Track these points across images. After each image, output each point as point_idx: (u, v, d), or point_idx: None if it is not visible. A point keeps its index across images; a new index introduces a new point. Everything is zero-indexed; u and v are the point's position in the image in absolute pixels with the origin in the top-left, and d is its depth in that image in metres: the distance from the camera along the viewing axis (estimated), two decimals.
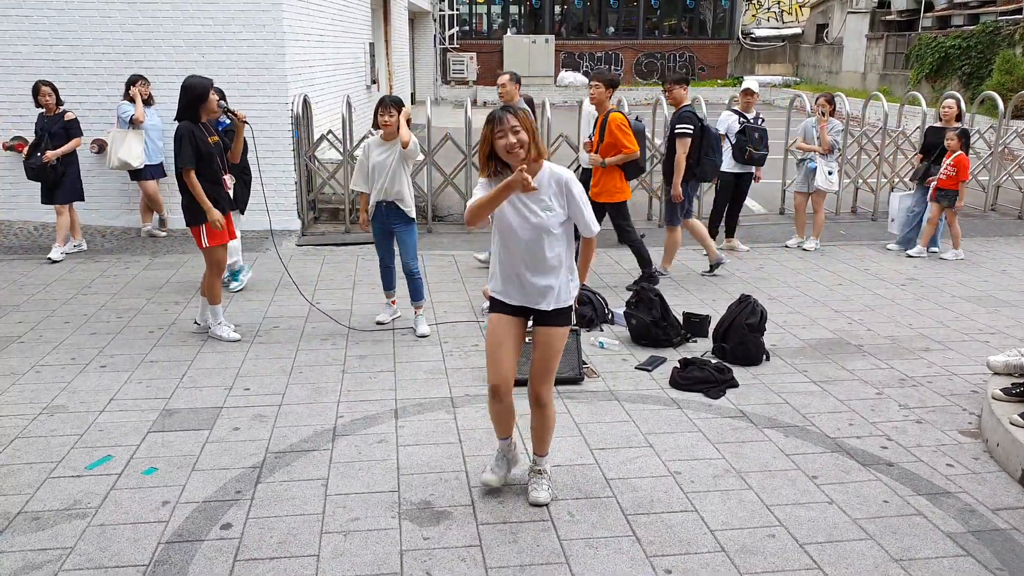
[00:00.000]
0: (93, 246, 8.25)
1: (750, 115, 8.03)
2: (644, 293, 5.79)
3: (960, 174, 7.95)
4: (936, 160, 8.26)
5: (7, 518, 3.49)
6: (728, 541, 3.37)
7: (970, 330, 6.05)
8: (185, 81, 5.38)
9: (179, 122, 5.36)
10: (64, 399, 4.72)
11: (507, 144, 3.28)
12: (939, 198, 8.09)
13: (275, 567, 3.18)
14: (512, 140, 3.28)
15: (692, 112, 7.05)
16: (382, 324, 6.07)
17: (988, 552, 3.30)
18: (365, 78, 13.65)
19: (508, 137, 3.28)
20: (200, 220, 5.45)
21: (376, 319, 6.12)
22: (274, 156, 8.67)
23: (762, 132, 7.97)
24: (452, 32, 28.18)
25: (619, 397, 4.82)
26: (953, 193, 7.98)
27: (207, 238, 5.49)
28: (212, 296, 5.65)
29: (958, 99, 8.64)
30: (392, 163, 5.60)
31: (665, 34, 31.85)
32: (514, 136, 3.28)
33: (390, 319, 6.13)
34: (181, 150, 5.29)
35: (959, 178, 7.96)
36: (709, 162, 7.12)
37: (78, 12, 8.31)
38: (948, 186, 8.00)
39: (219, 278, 5.69)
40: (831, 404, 4.73)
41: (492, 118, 3.34)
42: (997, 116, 10.12)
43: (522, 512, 3.57)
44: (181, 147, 5.29)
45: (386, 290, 6.14)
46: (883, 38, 24.30)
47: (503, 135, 3.29)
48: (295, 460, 4.02)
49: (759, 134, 7.95)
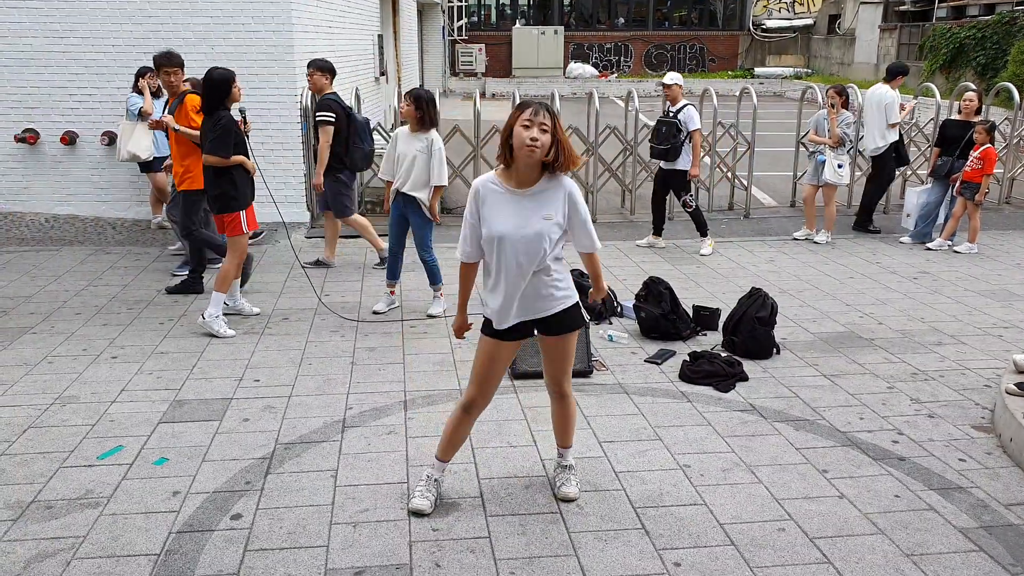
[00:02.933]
0: (104, 238, 8.29)
1: (675, 108, 7.79)
2: (654, 286, 5.77)
3: (986, 166, 7.88)
4: (961, 154, 8.15)
5: (20, 507, 3.52)
6: (738, 535, 3.36)
7: (983, 324, 6.01)
8: (208, 74, 5.43)
9: (209, 114, 5.44)
10: (76, 390, 4.75)
11: (529, 136, 3.05)
12: (963, 191, 8.02)
13: (285, 557, 3.19)
14: (535, 134, 3.05)
15: (335, 99, 6.77)
16: (378, 314, 6.07)
17: (1000, 548, 3.28)
18: (374, 70, 13.63)
19: (533, 130, 3.06)
20: (236, 207, 5.54)
21: (373, 309, 6.13)
22: (283, 148, 8.68)
23: (670, 125, 7.69)
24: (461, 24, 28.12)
25: (628, 390, 4.81)
26: (976, 186, 7.91)
27: (247, 223, 5.60)
28: (223, 283, 5.65)
29: (978, 92, 8.54)
30: (412, 156, 5.64)
31: (675, 25, 31.68)
32: (540, 132, 3.06)
33: (387, 309, 6.14)
34: (223, 140, 5.37)
35: (984, 171, 7.88)
36: (358, 151, 6.89)
37: (89, 4, 8.32)
38: (972, 178, 7.93)
39: (238, 267, 5.73)
40: (842, 398, 4.71)
41: (526, 105, 3.11)
42: (1012, 108, 10.01)
43: (531, 504, 3.57)
44: (224, 137, 5.37)
45: (388, 278, 6.16)
46: (896, 29, 24.09)
47: (529, 125, 3.06)
48: (305, 451, 4.03)
49: (666, 128, 7.71)
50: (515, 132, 3.09)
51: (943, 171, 8.35)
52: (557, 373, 3.51)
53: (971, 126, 8.17)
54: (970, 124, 8.22)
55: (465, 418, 3.50)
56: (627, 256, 7.86)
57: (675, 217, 9.37)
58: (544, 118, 3.07)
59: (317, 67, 6.94)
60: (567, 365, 3.51)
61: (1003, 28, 18.73)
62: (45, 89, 8.50)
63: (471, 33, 29.19)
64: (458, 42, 27.96)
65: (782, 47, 31.01)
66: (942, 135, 8.57)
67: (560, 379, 3.53)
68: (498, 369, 3.42)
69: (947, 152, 8.33)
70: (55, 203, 8.79)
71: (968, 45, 19.68)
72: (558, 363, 3.49)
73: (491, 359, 3.39)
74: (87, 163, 8.66)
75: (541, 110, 3.09)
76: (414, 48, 19.67)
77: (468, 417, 3.50)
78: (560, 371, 3.51)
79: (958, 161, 8.17)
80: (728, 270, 7.41)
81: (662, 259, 7.77)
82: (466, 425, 3.53)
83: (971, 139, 8.06)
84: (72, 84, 8.49)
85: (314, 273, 7.09)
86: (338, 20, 10.77)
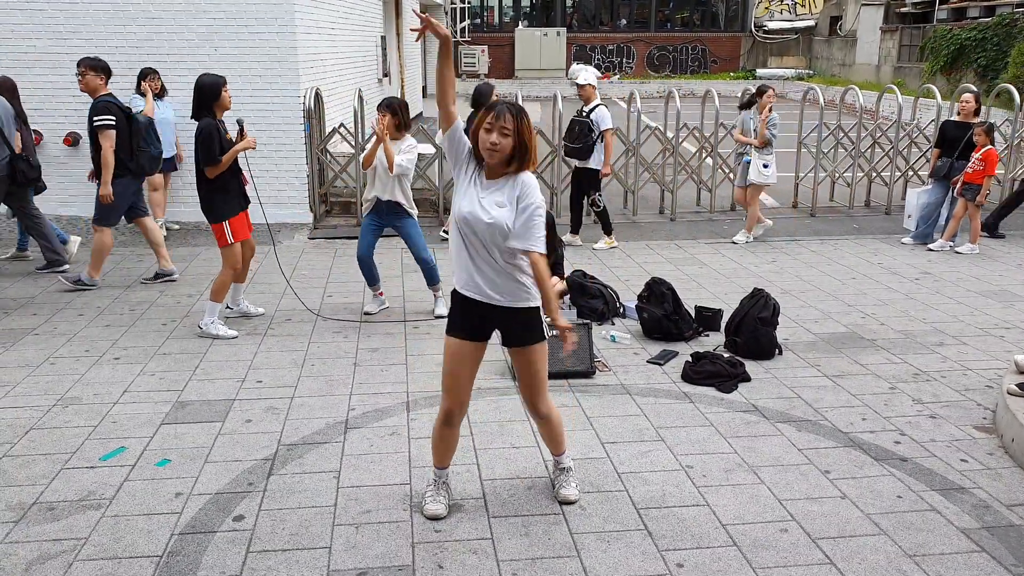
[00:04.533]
0: None
1: (588, 108, 7.78)
2: (656, 287, 5.77)
3: (988, 168, 7.89)
4: (960, 155, 8.15)
5: (22, 508, 3.52)
6: (740, 535, 3.35)
7: (985, 325, 6.00)
8: (198, 80, 5.40)
9: (197, 120, 5.38)
10: (78, 391, 4.75)
11: (489, 140, 3.08)
12: (964, 192, 8.02)
13: (287, 559, 3.19)
14: (494, 139, 3.07)
15: (112, 101, 6.33)
16: (370, 315, 6.09)
17: (1003, 548, 3.28)
18: (377, 72, 13.65)
19: (493, 134, 3.08)
20: (222, 216, 5.48)
21: (364, 310, 6.15)
22: (286, 150, 8.70)
23: (583, 125, 7.66)
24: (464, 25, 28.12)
25: (630, 391, 4.81)
26: (977, 187, 7.92)
27: (232, 234, 5.52)
28: (218, 294, 5.60)
29: (976, 93, 8.53)
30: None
31: (677, 26, 31.66)
32: (500, 136, 3.08)
33: (378, 309, 6.17)
34: (208, 148, 5.29)
35: (986, 172, 7.89)
36: (144, 154, 6.53)
37: (92, 6, 8.34)
38: (974, 180, 7.94)
39: (231, 277, 5.67)
40: (844, 398, 4.71)
41: (492, 107, 3.13)
42: (1013, 109, 10.01)
43: (533, 505, 3.57)
44: (208, 145, 5.29)
45: (369, 285, 6.17)
46: (897, 30, 24.06)
47: (491, 129, 3.09)
48: (307, 452, 4.04)
49: (578, 127, 7.69)
50: (479, 136, 3.13)
51: (942, 172, 8.35)
52: (528, 393, 3.46)
53: (970, 127, 8.17)
54: (969, 125, 8.22)
55: (448, 430, 3.44)
56: (629, 257, 7.87)
57: (677, 218, 9.38)
58: (506, 122, 3.08)
59: (89, 66, 6.33)
60: (537, 383, 3.40)
61: (1003, 30, 18.71)
62: (49, 91, 8.53)
63: (474, 34, 29.19)
64: (461, 43, 27.97)
65: (784, 48, 31.00)
66: (941, 136, 8.58)
67: (533, 400, 3.45)
68: (465, 372, 3.34)
69: (947, 153, 8.33)
70: (58, 204, 8.79)
71: (969, 47, 19.66)
72: (526, 380, 3.42)
73: (456, 359, 3.31)
74: (90, 164, 8.65)
75: (504, 113, 3.09)
76: (417, 49, 19.68)
77: (449, 428, 3.43)
78: (530, 390, 3.43)
79: (958, 162, 8.17)
80: (730, 271, 7.41)
81: (664, 260, 7.77)
82: (451, 436, 3.46)
83: (971, 140, 8.06)
84: (76, 85, 8.42)
85: (313, 275, 7.09)
86: (341, 22, 10.79)
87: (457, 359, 3.32)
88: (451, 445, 3.50)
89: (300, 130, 8.68)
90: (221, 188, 5.47)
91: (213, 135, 5.30)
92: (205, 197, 5.49)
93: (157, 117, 8.07)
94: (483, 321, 3.31)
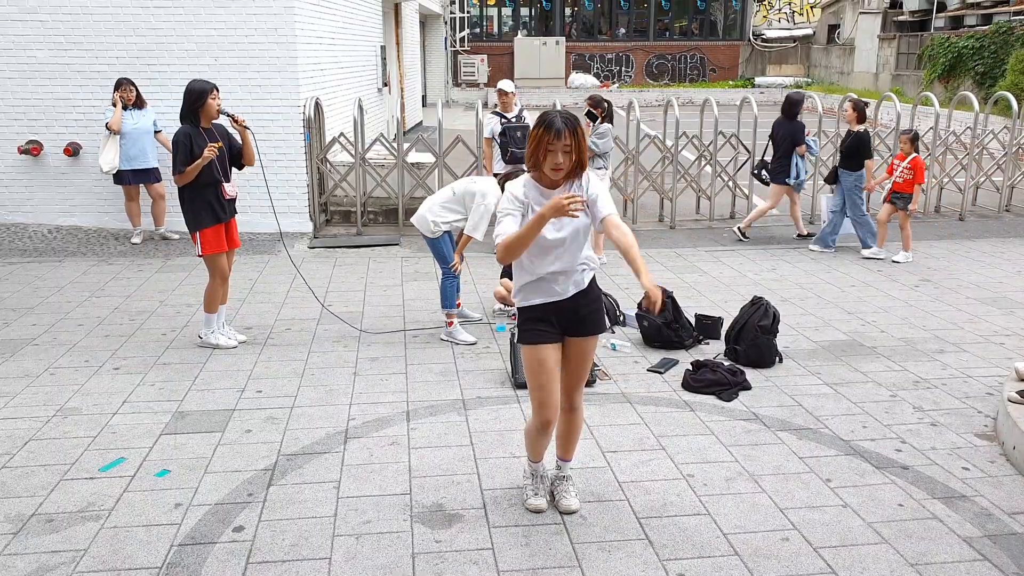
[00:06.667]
0: (106, 249, 8.31)
1: (510, 114, 7.78)
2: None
3: (917, 176, 7.99)
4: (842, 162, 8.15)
5: (21, 520, 3.51)
6: (742, 544, 3.34)
7: (985, 332, 6.00)
8: (187, 84, 5.34)
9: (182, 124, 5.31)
10: (78, 401, 4.75)
11: (553, 162, 3.16)
12: (894, 200, 8.12)
13: (287, 570, 3.18)
14: (559, 160, 3.15)
15: None
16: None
17: (1005, 556, 3.27)
18: (376, 81, 13.69)
19: (557, 156, 3.15)
20: (196, 227, 5.38)
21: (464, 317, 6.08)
22: (286, 159, 8.71)
23: (524, 129, 7.68)
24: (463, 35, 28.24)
25: (631, 399, 4.80)
26: (908, 196, 8.02)
27: (201, 246, 5.40)
28: (210, 304, 5.55)
29: (855, 100, 8.29)
30: None
31: (676, 35, 31.76)
32: (563, 156, 3.15)
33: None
34: (175, 157, 5.21)
35: (915, 181, 7.98)
36: None
37: (92, 16, 8.37)
38: (903, 189, 8.05)
39: (219, 287, 5.57)
40: (845, 406, 4.70)
41: (549, 126, 3.14)
42: (1011, 116, 10.03)
43: (534, 515, 3.56)
44: (175, 153, 5.21)
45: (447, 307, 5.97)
46: (895, 38, 24.15)
47: (554, 151, 3.14)
48: (307, 463, 4.03)
49: (521, 132, 7.70)
50: (545, 159, 3.17)
51: (833, 177, 8.43)
52: (574, 382, 3.53)
53: (850, 134, 8.15)
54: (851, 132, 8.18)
55: (543, 437, 3.51)
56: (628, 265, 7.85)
57: (677, 226, 9.39)
58: (566, 139, 3.14)
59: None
60: (584, 373, 3.53)
61: (1000, 38, 18.79)
62: (49, 101, 8.55)
63: (473, 44, 29.29)
64: (460, 53, 28.06)
65: (782, 57, 31.10)
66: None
67: (573, 390, 3.54)
68: (553, 382, 3.40)
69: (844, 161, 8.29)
70: (58, 214, 8.82)
71: (966, 54, 19.74)
72: (577, 369, 3.50)
73: (544, 368, 3.37)
74: (90, 174, 8.68)
75: (563, 132, 3.13)
76: (417, 59, 19.75)
77: (545, 435, 3.50)
78: (577, 379, 3.53)
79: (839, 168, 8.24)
80: (730, 279, 7.42)
81: (664, 268, 7.77)
82: (546, 439, 3.54)
83: (852, 145, 8.06)
84: (76, 96, 8.54)
85: (313, 285, 7.09)
86: (341, 31, 10.83)
87: (546, 368, 3.37)
88: (547, 443, 3.58)
89: (300, 139, 8.70)
90: (193, 198, 5.35)
91: (182, 143, 5.18)
92: (181, 205, 5.43)
93: (128, 127, 8.05)
94: (557, 318, 3.40)
